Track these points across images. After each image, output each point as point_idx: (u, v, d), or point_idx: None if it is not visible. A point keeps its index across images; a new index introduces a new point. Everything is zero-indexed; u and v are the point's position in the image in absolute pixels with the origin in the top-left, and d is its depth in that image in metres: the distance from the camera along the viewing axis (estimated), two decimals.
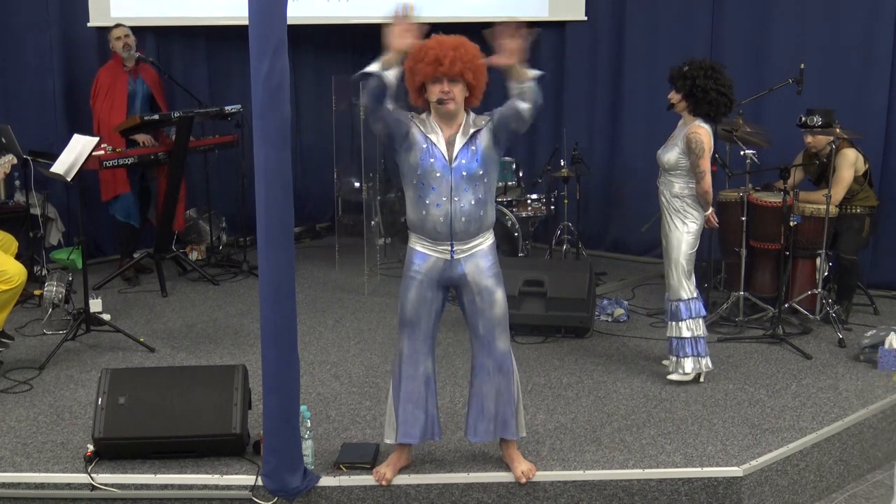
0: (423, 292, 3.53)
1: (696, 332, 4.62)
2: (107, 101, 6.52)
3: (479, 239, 3.53)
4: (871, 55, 6.25)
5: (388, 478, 3.65)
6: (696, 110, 4.52)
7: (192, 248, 7.25)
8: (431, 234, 3.48)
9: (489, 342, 3.57)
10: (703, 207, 4.58)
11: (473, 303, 3.55)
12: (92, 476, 3.66)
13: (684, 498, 3.72)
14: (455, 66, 3.35)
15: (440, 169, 3.42)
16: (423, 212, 3.47)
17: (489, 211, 3.53)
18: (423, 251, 3.53)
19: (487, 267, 3.54)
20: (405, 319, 3.57)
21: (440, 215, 3.44)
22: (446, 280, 3.55)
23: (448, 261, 3.50)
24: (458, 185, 3.43)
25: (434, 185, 3.43)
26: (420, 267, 3.52)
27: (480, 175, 3.45)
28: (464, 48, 3.40)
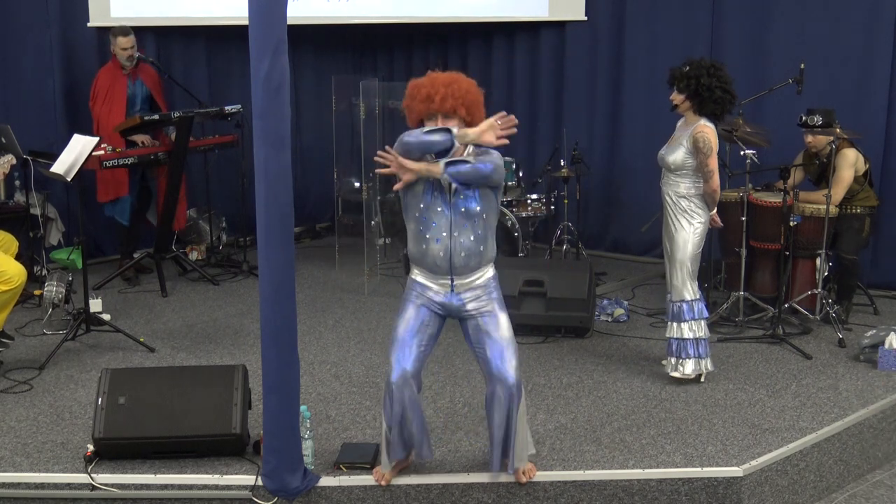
0: (419, 315, 3.52)
1: (697, 333, 4.62)
2: (106, 103, 6.52)
3: (479, 272, 3.52)
4: (871, 55, 6.25)
5: (387, 478, 3.65)
6: (701, 109, 4.50)
7: (192, 248, 7.25)
8: (432, 267, 3.49)
9: (499, 369, 3.47)
10: (709, 205, 4.57)
11: (477, 328, 3.52)
12: (92, 476, 3.66)
13: (684, 498, 3.72)
14: (446, 102, 3.35)
15: (441, 204, 3.43)
16: (423, 246, 3.48)
17: (489, 245, 3.52)
18: (424, 282, 3.54)
19: (487, 293, 3.53)
20: (396, 339, 3.52)
21: (440, 250, 3.44)
22: (446, 310, 3.54)
23: (449, 293, 3.51)
24: (458, 222, 3.43)
25: (435, 221, 3.44)
26: (422, 292, 3.53)
27: (478, 212, 3.44)
28: (456, 84, 3.38)
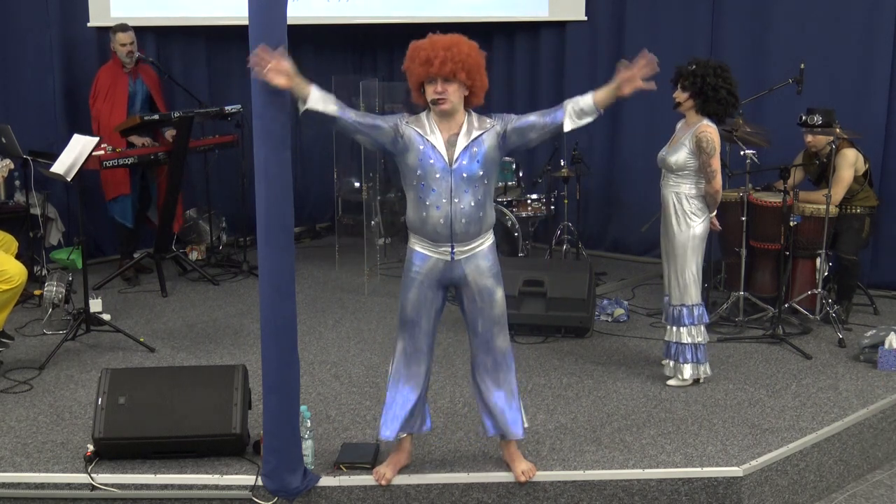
0: (423, 292, 3.52)
1: (696, 338, 4.60)
2: (107, 102, 6.52)
3: (480, 240, 3.51)
4: (871, 55, 6.25)
5: (388, 478, 3.65)
6: (703, 109, 4.46)
7: (192, 248, 7.25)
8: (431, 235, 3.47)
9: (488, 340, 3.57)
10: (710, 208, 4.53)
11: (473, 302, 3.55)
12: (92, 476, 3.66)
13: (684, 498, 3.72)
14: (445, 66, 3.31)
15: (440, 170, 3.39)
16: (423, 213, 3.44)
17: (489, 212, 3.51)
18: (423, 252, 3.51)
19: (487, 267, 3.52)
20: (405, 319, 3.56)
21: (440, 217, 3.42)
22: (447, 280, 3.54)
23: (448, 262, 3.49)
24: (458, 187, 3.40)
25: (434, 187, 3.41)
26: (420, 267, 3.51)
27: (480, 177, 3.42)
28: (457, 47, 3.34)
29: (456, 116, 3.44)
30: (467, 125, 3.44)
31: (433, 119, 3.44)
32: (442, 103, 3.36)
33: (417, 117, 3.48)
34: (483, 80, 3.43)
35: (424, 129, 3.43)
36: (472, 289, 3.53)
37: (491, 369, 3.60)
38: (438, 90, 3.35)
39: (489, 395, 3.61)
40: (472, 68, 3.37)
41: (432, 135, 3.42)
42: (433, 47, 3.34)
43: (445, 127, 3.43)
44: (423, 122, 3.45)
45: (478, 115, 3.50)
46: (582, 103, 3.49)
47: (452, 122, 3.44)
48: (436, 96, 3.36)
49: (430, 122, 3.44)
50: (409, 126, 3.43)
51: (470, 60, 3.36)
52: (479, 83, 3.42)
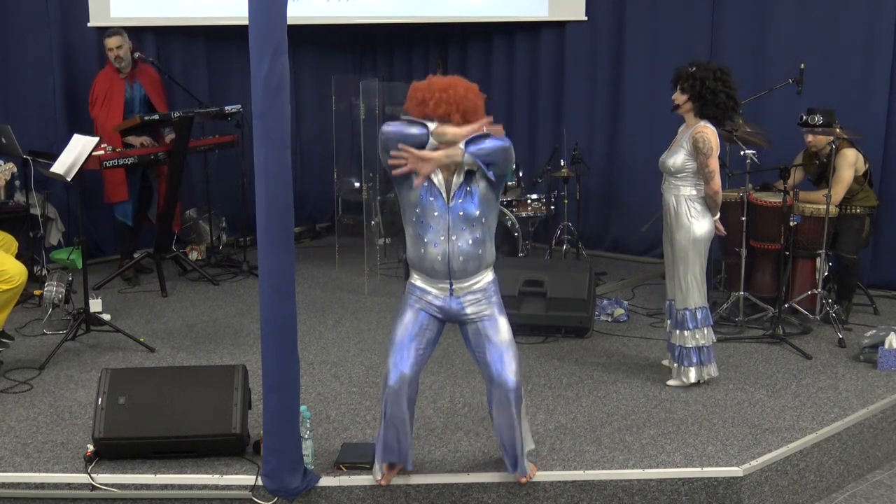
0: (419, 319, 3.51)
1: (700, 341, 4.58)
2: (104, 108, 6.52)
3: (479, 276, 3.49)
4: (871, 55, 6.25)
5: (387, 478, 3.65)
6: (702, 112, 4.44)
7: (192, 248, 7.25)
8: (430, 272, 3.47)
9: (500, 373, 3.47)
10: (710, 210, 4.50)
11: (477, 332, 3.51)
12: (92, 476, 3.66)
13: (684, 498, 3.72)
14: (440, 107, 3.30)
15: (438, 208, 3.39)
16: (421, 250, 3.45)
17: (488, 249, 3.50)
18: (423, 286, 3.52)
19: (486, 298, 3.50)
20: (395, 342, 3.51)
21: (438, 254, 3.42)
22: (445, 314, 3.52)
23: (447, 297, 3.49)
24: (456, 225, 3.40)
25: (432, 224, 3.41)
26: (421, 296, 3.51)
27: (478, 216, 3.41)
28: (452, 89, 3.32)
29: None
30: (462, 165, 3.39)
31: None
32: (442, 145, 3.34)
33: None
34: (480, 121, 3.38)
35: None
36: (474, 321, 3.51)
37: (504, 405, 3.50)
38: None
39: (502, 431, 3.54)
40: (467, 110, 3.34)
41: (434, 176, 3.41)
42: (429, 88, 3.34)
43: (444, 166, 3.41)
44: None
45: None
46: None
47: (446, 167, 3.40)
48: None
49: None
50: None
51: (465, 102, 3.33)
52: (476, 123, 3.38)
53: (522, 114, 7.90)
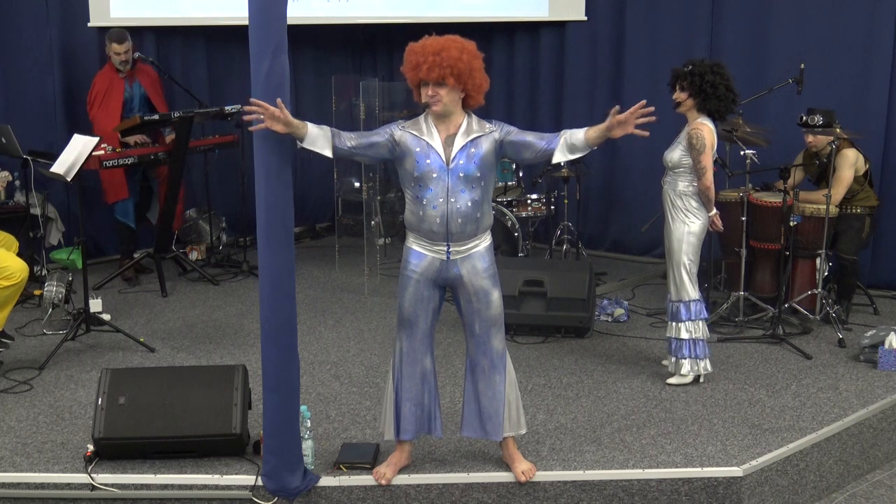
0: (420, 290, 3.54)
1: (694, 334, 4.62)
2: (103, 108, 6.51)
3: (476, 240, 3.52)
4: (871, 55, 6.24)
5: (388, 477, 3.65)
6: (703, 106, 4.51)
7: (192, 248, 7.25)
8: (428, 234, 3.48)
9: (485, 341, 3.58)
10: (705, 205, 4.57)
11: (469, 303, 3.56)
12: (92, 476, 3.66)
13: (684, 498, 3.72)
14: (433, 71, 3.31)
15: (437, 169, 3.41)
16: (420, 212, 3.46)
17: (486, 213, 3.52)
18: (419, 250, 3.53)
19: (483, 268, 3.53)
20: (403, 318, 3.58)
21: (436, 216, 3.43)
22: (442, 280, 3.55)
23: (444, 261, 3.50)
24: (455, 186, 3.42)
25: (431, 186, 3.42)
26: (416, 266, 3.53)
27: (478, 178, 3.44)
28: (446, 52, 3.32)
29: (453, 118, 3.45)
30: (466, 126, 3.46)
31: (431, 120, 3.47)
32: (435, 105, 3.39)
33: (416, 121, 3.50)
34: (478, 82, 3.42)
35: (421, 131, 3.45)
36: (468, 289, 3.53)
37: (488, 371, 3.61)
38: (430, 93, 3.38)
39: (481, 397, 3.63)
40: (462, 72, 3.35)
41: (429, 135, 3.44)
42: (423, 51, 3.36)
43: (443, 128, 3.46)
44: (421, 124, 3.47)
45: (478, 119, 3.51)
46: (574, 138, 3.43)
47: (450, 123, 3.46)
48: (428, 99, 3.39)
49: (428, 124, 3.47)
50: (405, 131, 3.46)
51: (460, 64, 3.33)
52: (472, 85, 3.40)
53: (522, 114, 7.89)
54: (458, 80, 3.35)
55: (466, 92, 3.42)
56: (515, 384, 3.70)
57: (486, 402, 3.63)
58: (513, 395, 3.68)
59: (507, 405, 3.66)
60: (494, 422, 3.64)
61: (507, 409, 3.66)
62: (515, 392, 3.69)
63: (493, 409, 3.63)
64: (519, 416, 3.71)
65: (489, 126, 3.48)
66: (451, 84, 3.35)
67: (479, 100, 3.48)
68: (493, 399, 3.62)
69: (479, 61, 3.42)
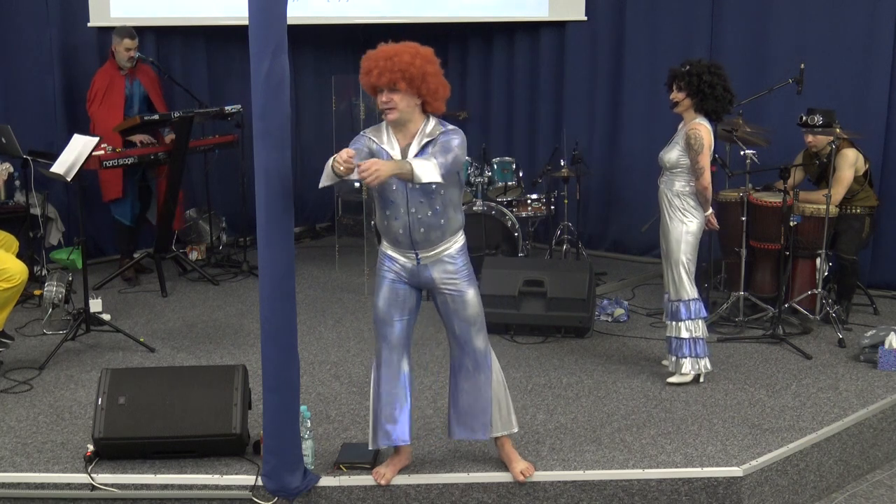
0: (394, 290, 3.53)
1: (694, 333, 4.62)
2: (103, 105, 6.51)
3: (445, 244, 3.48)
4: (871, 55, 6.24)
5: (387, 478, 3.65)
6: (701, 107, 4.51)
7: (192, 248, 7.25)
8: (394, 242, 3.50)
9: (466, 342, 3.57)
10: (702, 205, 4.58)
11: (446, 304, 3.55)
12: (92, 476, 3.66)
13: (684, 498, 3.72)
14: (383, 76, 3.27)
15: (396, 182, 3.36)
16: (384, 222, 3.48)
17: (452, 217, 3.46)
18: (392, 254, 3.53)
19: (455, 270, 3.50)
20: (378, 319, 3.56)
21: (399, 227, 3.43)
22: (416, 282, 3.55)
23: (415, 266, 3.50)
24: (414, 198, 3.38)
25: (391, 198, 3.40)
26: (390, 267, 3.53)
27: (434, 189, 3.36)
28: (397, 57, 3.27)
29: (409, 125, 3.40)
30: (419, 135, 3.39)
31: (389, 128, 3.43)
32: (389, 112, 3.34)
33: (378, 128, 3.46)
34: (433, 87, 3.33)
35: (382, 140, 3.42)
36: (442, 291, 3.53)
37: (472, 371, 3.60)
38: (384, 99, 3.33)
39: (465, 397, 3.62)
40: (414, 77, 3.28)
41: (389, 144, 3.41)
42: (375, 58, 3.32)
43: (401, 136, 3.41)
44: (383, 132, 3.44)
45: (436, 122, 3.43)
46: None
47: (406, 132, 3.41)
48: (382, 106, 3.35)
49: (388, 132, 3.43)
50: (371, 140, 3.43)
51: (412, 70, 3.26)
52: (426, 91, 3.32)
53: (522, 114, 7.89)
54: (411, 84, 3.28)
55: (422, 98, 3.34)
56: (503, 382, 3.68)
57: (471, 402, 3.62)
58: (501, 394, 3.66)
59: (497, 404, 3.65)
60: (482, 421, 3.63)
61: (497, 408, 3.65)
62: (504, 391, 3.68)
63: (480, 408, 3.62)
64: (510, 415, 3.69)
65: (442, 129, 3.39)
66: (403, 89, 3.28)
67: (438, 107, 3.40)
68: (479, 398, 3.61)
69: (435, 66, 3.35)
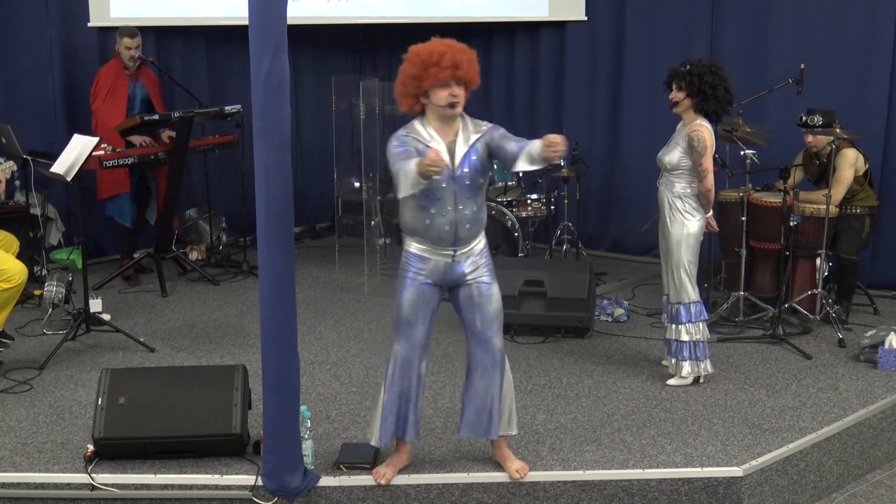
0: (421, 292, 3.53)
1: (695, 336, 4.61)
2: (107, 102, 6.51)
3: (478, 239, 3.56)
4: (871, 55, 6.25)
5: (388, 477, 3.65)
6: (701, 107, 4.48)
7: (192, 248, 7.25)
8: (435, 240, 3.47)
9: (487, 339, 3.58)
10: (703, 207, 4.56)
11: (470, 299, 3.55)
12: (92, 476, 3.66)
13: (684, 498, 3.72)
14: (471, 69, 3.36)
15: (445, 179, 3.38)
16: (426, 221, 3.44)
17: (485, 212, 3.56)
18: (422, 254, 3.51)
19: (484, 263, 3.56)
20: (402, 320, 3.55)
21: (445, 224, 3.43)
22: (445, 281, 3.55)
23: (449, 263, 3.50)
24: (462, 194, 3.42)
25: (438, 195, 3.40)
26: (420, 268, 3.51)
27: (480, 183, 3.47)
28: (469, 52, 3.40)
29: (454, 122, 3.45)
30: (463, 131, 3.44)
31: (430, 126, 3.43)
32: (457, 107, 3.38)
33: (412, 127, 3.45)
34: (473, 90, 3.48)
35: (425, 138, 3.42)
36: (471, 286, 3.54)
37: (489, 369, 3.60)
38: (455, 93, 3.36)
39: (484, 396, 3.62)
40: (475, 77, 3.43)
41: (433, 142, 3.41)
42: (454, 51, 3.34)
43: (444, 133, 3.43)
44: (420, 130, 3.43)
45: (471, 119, 3.50)
46: (532, 149, 3.35)
47: (450, 129, 3.43)
48: (453, 99, 3.36)
49: (428, 130, 3.43)
50: (416, 140, 3.41)
51: (476, 69, 3.42)
52: (470, 92, 3.46)
53: (522, 114, 7.89)
54: (472, 83, 3.41)
55: (466, 97, 3.43)
56: (512, 384, 3.71)
57: (487, 402, 3.62)
58: (509, 395, 3.69)
59: (506, 404, 3.67)
60: (494, 420, 3.64)
61: (507, 408, 3.67)
62: (512, 392, 3.71)
63: (492, 407, 3.63)
64: (511, 417, 3.71)
65: (484, 126, 3.49)
66: (470, 86, 3.38)
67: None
68: (495, 398, 3.62)
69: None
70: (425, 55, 3.34)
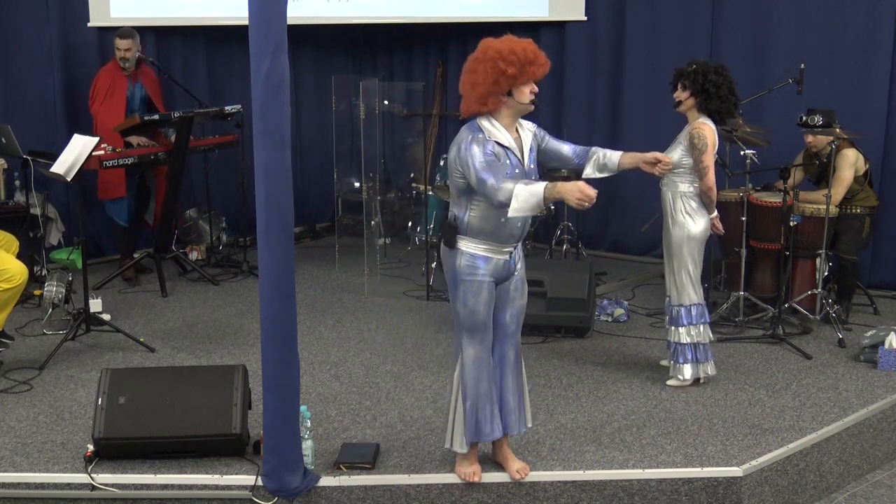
0: (490, 294, 3.50)
1: (696, 338, 4.59)
2: (105, 104, 6.51)
3: None
4: (871, 55, 6.25)
5: (479, 474, 3.65)
6: (705, 106, 4.47)
7: (192, 248, 7.25)
8: (504, 239, 3.45)
9: (513, 332, 3.62)
10: (706, 206, 4.53)
11: (507, 291, 3.56)
12: (92, 476, 3.66)
13: (684, 498, 3.72)
14: (544, 70, 3.39)
15: (518, 175, 3.38)
16: (501, 219, 3.38)
17: None
18: (486, 255, 3.45)
19: (522, 256, 3.64)
20: (478, 324, 3.49)
21: (518, 221, 3.42)
22: (500, 277, 3.54)
23: (507, 260, 3.52)
24: None
25: None
26: (487, 270, 3.46)
27: (537, 174, 3.54)
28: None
29: (515, 120, 3.48)
30: (521, 130, 3.50)
31: (497, 124, 3.40)
32: (534, 105, 3.42)
33: (483, 127, 3.38)
34: None
35: (501, 138, 3.39)
36: (518, 278, 3.59)
37: (513, 362, 3.64)
38: (535, 91, 3.40)
39: (515, 390, 3.65)
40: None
41: (505, 139, 3.41)
42: (535, 50, 3.36)
43: (511, 131, 3.45)
44: (492, 129, 3.39)
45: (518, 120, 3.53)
46: (607, 159, 3.63)
47: (512, 127, 3.47)
48: (532, 97, 3.39)
49: (499, 128, 3.40)
50: (491, 141, 3.36)
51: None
52: None
53: None
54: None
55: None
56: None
57: (518, 396, 3.67)
58: (526, 387, 3.76)
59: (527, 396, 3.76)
60: (527, 412, 3.73)
61: (527, 400, 3.75)
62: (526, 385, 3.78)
63: (523, 398, 3.71)
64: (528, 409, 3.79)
65: (529, 126, 3.55)
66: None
67: None
68: (522, 390, 3.70)
69: None
70: (521, 53, 3.30)
